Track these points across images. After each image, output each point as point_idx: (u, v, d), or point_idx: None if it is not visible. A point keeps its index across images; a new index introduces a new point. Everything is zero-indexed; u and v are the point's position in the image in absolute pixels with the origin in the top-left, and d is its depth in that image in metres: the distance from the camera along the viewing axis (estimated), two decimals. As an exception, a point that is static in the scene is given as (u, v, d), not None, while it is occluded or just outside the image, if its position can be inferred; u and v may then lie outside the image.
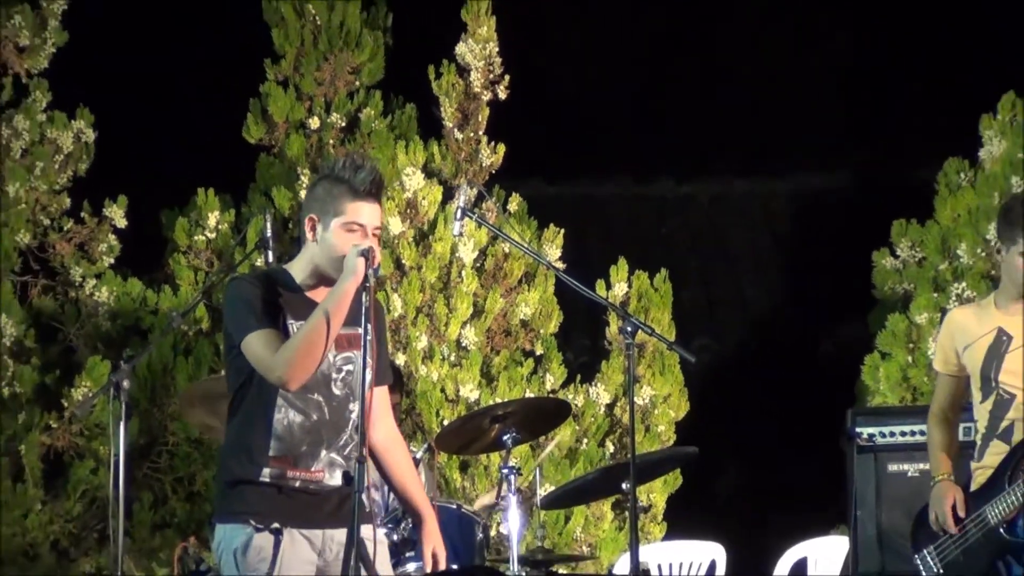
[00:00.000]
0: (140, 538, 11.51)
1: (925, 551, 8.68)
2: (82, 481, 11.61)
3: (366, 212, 7.46)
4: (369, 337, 7.43)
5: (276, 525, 7.55)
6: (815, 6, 13.63)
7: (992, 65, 12.53)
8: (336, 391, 7.65)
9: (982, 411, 8.51)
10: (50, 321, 12.04)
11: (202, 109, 12.47)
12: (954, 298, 11.96)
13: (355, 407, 7.64)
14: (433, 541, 7.88)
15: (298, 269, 7.61)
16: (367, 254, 7.32)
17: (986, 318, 8.56)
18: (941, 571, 8.61)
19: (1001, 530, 8.40)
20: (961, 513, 8.48)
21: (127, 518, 9.42)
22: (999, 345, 8.48)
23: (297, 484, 7.61)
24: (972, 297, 11.97)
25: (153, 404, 11.73)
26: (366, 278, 7.31)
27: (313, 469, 7.59)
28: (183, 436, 11.72)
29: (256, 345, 7.38)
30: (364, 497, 7.51)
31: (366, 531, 7.71)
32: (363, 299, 7.33)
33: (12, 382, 11.55)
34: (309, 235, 7.46)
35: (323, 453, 7.64)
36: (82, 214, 12.07)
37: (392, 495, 8.48)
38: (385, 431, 7.91)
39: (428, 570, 7.98)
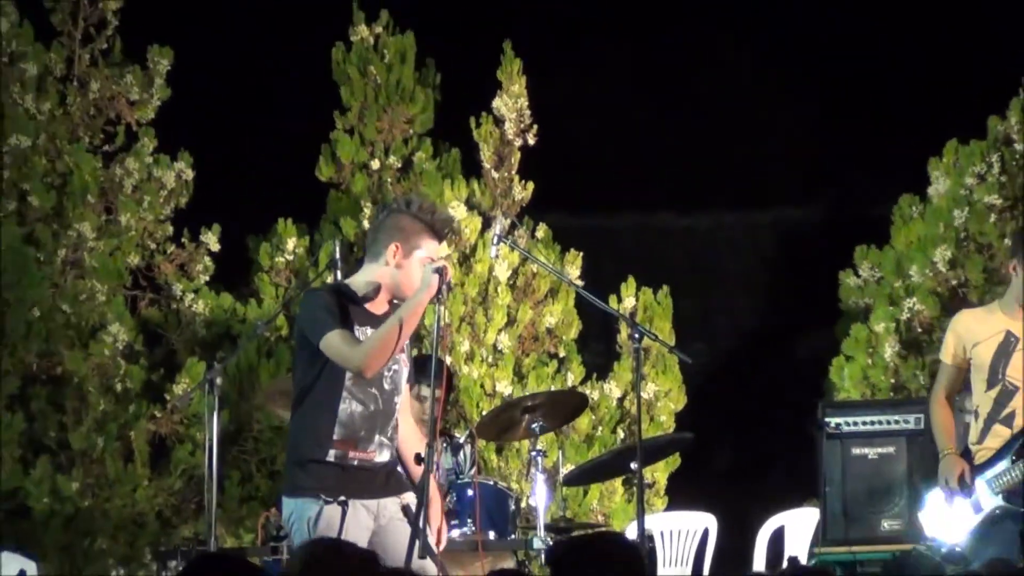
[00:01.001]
0: (230, 509, 11.51)
1: (930, 509, 8.69)
2: (182, 461, 11.59)
3: (440, 250, 7.63)
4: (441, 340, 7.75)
5: (342, 498, 7.58)
6: (792, 70, 13.53)
7: (938, 114, 12.42)
8: (386, 386, 7.71)
9: (986, 399, 8.51)
10: (155, 328, 11.99)
11: (282, 152, 12.45)
12: (906, 311, 11.93)
13: (399, 399, 7.76)
14: (434, 514, 8.01)
15: (360, 284, 7.65)
16: (441, 271, 7.40)
17: (994, 321, 8.56)
18: (943, 525, 8.58)
19: (1001, 498, 8.39)
20: (968, 481, 8.44)
21: (219, 492, 9.32)
22: (1008, 344, 8.49)
23: (356, 463, 7.64)
24: (922, 310, 11.95)
25: (241, 397, 11.68)
26: (439, 291, 7.39)
27: (369, 450, 7.63)
28: (266, 424, 11.67)
29: (336, 341, 7.43)
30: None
31: (410, 497, 7.75)
32: (436, 309, 7.50)
33: (124, 379, 11.52)
34: (392, 259, 7.54)
35: (376, 437, 7.67)
36: (182, 239, 12.02)
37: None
38: (404, 418, 8.05)
39: (435, 542, 8.04)
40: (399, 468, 8.53)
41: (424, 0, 12.53)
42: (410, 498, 7.92)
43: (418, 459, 7.56)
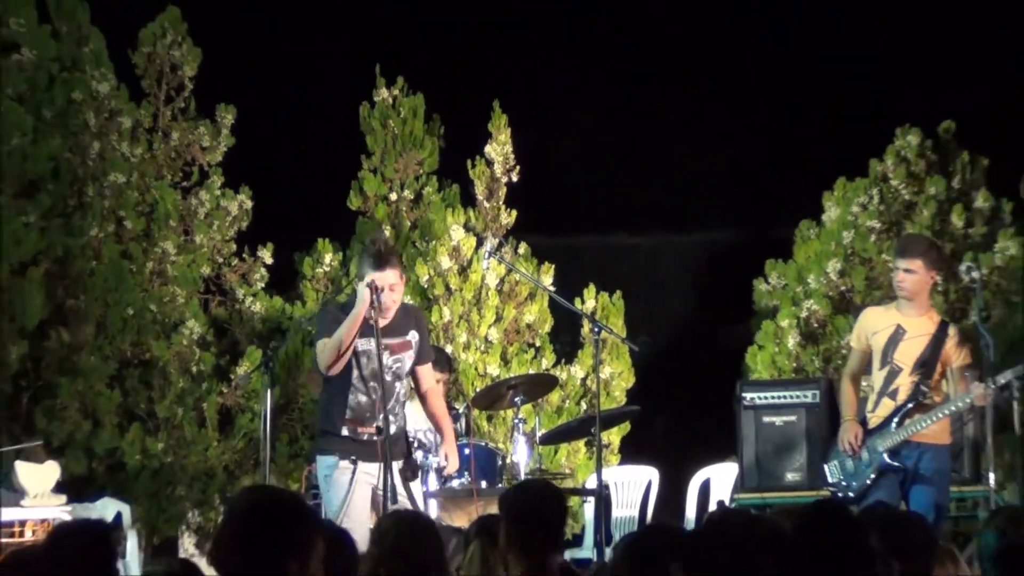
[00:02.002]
0: (280, 464, 11.51)
1: (832, 462, 8.70)
2: (243, 427, 11.59)
3: (385, 276, 7.79)
4: (394, 341, 8.01)
5: (353, 458, 7.84)
6: (716, 120, 13.59)
7: (830, 157, 12.49)
8: (388, 378, 7.92)
9: (879, 377, 8.55)
10: (223, 324, 11.99)
11: (321, 187, 12.47)
12: (805, 310, 11.96)
13: (400, 386, 8.06)
14: (447, 448, 8.32)
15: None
16: (370, 287, 7.71)
17: (889, 316, 8.59)
18: (840, 477, 8.62)
19: (885, 455, 8.41)
20: (860, 442, 8.50)
21: (272, 451, 9.34)
22: (897, 335, 8.51)
23: (364, 437, 7.87)
24: (817, 310, 11.96)
25: (289, 377, 11.66)
26: (372, 302, 7.68)
27: (372, 427, 7.78)
28: (308, 398, 11.62)
29: (319, 348, 7.90)
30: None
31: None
32: (372, 315, 7.72)
33: (198, 363, 11.52)
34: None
35: (379, 416, 7.77)
36: (243, 255, 12.02)
37: (440, 440, 8.54)
38: (428, 387, 8.31)
39: (444, 463, 8.38)
40: (423, 439, 8.77)
41: (432, 69, 12.52)
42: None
43: (379, 431, 7.82)
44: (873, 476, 8.44)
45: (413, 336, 8.17)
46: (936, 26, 12.96)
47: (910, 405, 8.43)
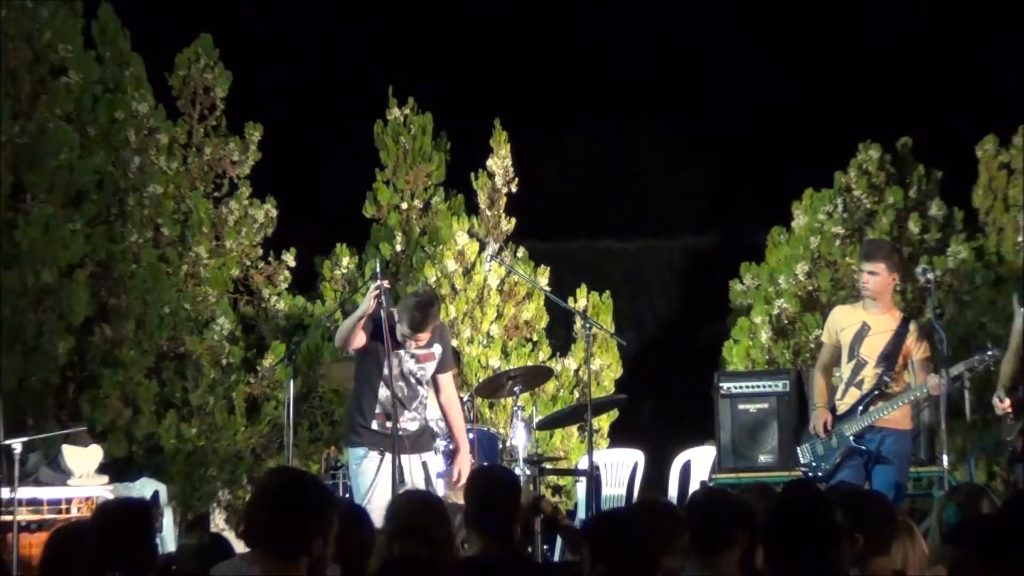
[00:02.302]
0: (302, 447, 11.49)
1: (804, 445, 8.74)
2: (268, 414, 11.59)
3: (411, 336, 8.04)
4: (420, 352, 8.18)
5: (381, 449, 7.90)
6: (695, 137, 13.65)
7: (798, 170, 12.51)
8: (412, 382, 8.13)
9: (847, 368, 8.57)
10: (250, 321, 12.00)
11: (339, 197, 12.50)
12: (776, 308, 11.99)
13: (423, 389, 8.25)
14: (460, 463, 8.35)
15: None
16: (379, 288, 7.85)
17: (856, 314, 8.62)
18: (811, 458, 8.65)
19: (851, 439, 8.44)
20: (829, 427, 8.53)
21: (294, 435, 9.31)
22: (863, 331, 8.54)
23: (390, 431, 7.84)
24: (787, 308, 11.97)
25: (310, 369, 11.64)
26: (379, 302, 7.85)
27: (400, 422, 7.84)
28: (327, 388, 11.63)
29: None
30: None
31: (428, 456, 7.99)
32: (382, 316, 7.88)
33: (228, 356, 11.52)
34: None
35: (405, 413, 7.86)
36: (269, 258, 12.02)
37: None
38: (447, 397, 8.39)
39: (454, 480, 8.35)
40: (434, 428, 8.84)
41: (439, 90, 12.57)
42: (428, 455, 8.21)
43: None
44: (840, 458, 8.48)
45: (436, 349, 8.30)
46: (895, 50, 13.00)
47: (875, 393, 8.46)
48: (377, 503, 7.68)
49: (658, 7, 13.71)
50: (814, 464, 8.61)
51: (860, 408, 8.47)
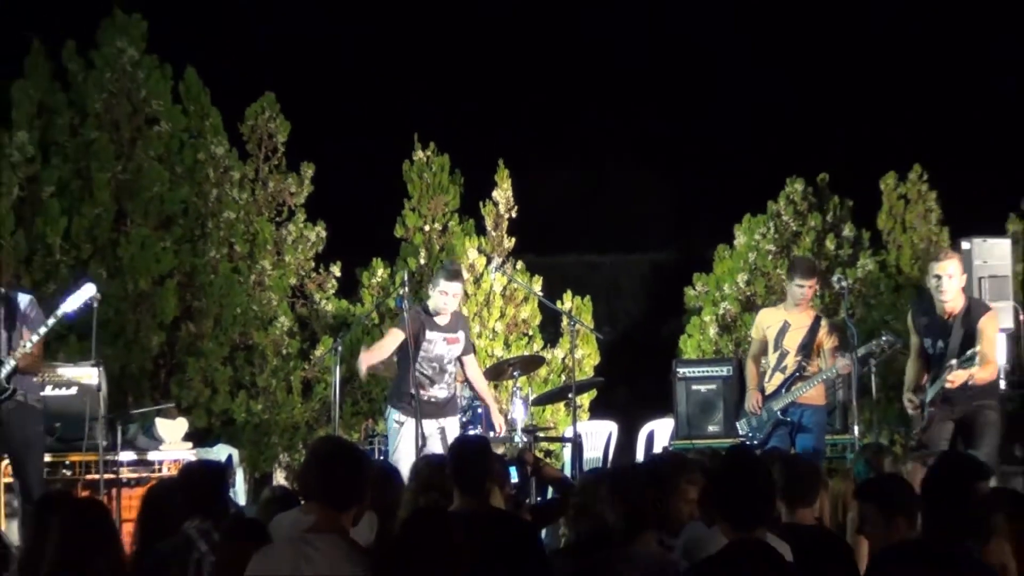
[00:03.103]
0: (345, 420, 11.41)
1: (742, 420, 8.73)
2: (319, 393, 11.58)
3: (450, 286, 8.15)
4: (449, 336, 8.29)
5: (412, 415, 7.83)
6: (658, 166, 13.64)
7: (739, 199, 12.49)
8: (445, 362, 8.28)
9: (773, 357, 8.57)
10: (304, 319, 11.97)
11: (375, 220, 12.44)
12: (721, 309, 11.99)
13: (451, 367, 8.33)
14: (496, 418, 8.59)
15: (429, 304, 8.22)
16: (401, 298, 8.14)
17: (779, 314, 8.64)
18: (748, 430, 8.64)
19: (779, 413, 8.44)
20: (760, 404, 8.53)
21: (340, 410, 9.22)
22: (784, 327, 8.54)
23: (425, 398, 7.87)
24: (730, 309, 11.98)
25: (352, 358, 11.37)
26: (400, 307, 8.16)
27: (432, 391, 7.88)
28: (367, 373, 11.54)
29: (392, 332, 8.30)
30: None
31: (450, 421, 7.95)
32: (406, 318, 8.06)
33: (287, 347, 11.51)
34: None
35: (435, 385, 7.91)
36: (319, 269, 12.00)
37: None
38: (473, 373, 8.52)
39: (498, 429, 8.56)
40: (461, 397, 8.87)
41: (455, 137, 12.46)
42: (450, 420, 8.20)
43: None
44: (770, 428, 8.48)
45: (461, 334, 8.39)
46: (814, 106, 13.04)
47: (795, 376, 8.46)
48: (404, 459, 7.75)
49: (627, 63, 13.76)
50: (750, 434, 8.59)
51: (784, 388, 8.47)
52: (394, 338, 8.24)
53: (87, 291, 7.60)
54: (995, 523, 4.63)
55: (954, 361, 7.50)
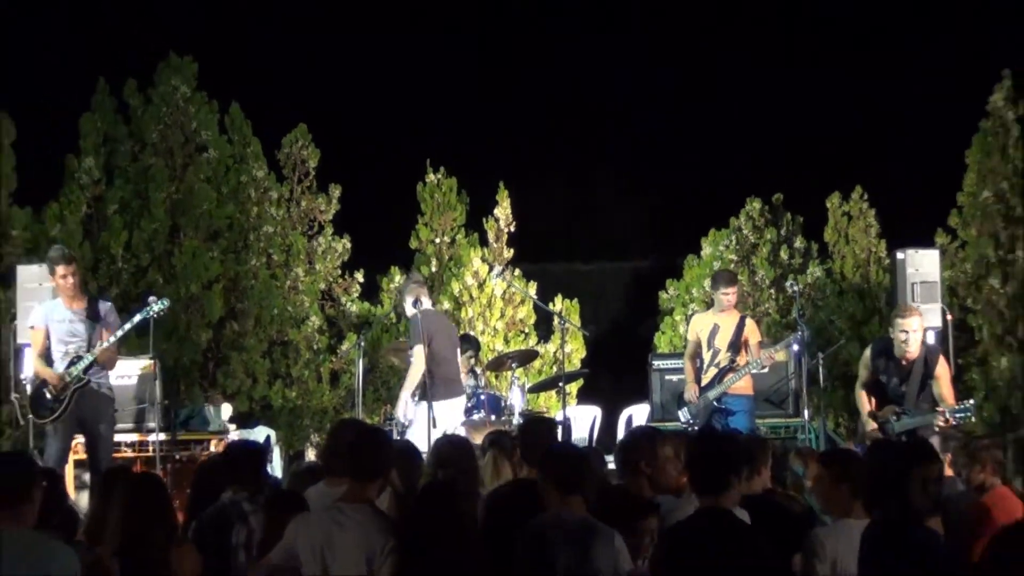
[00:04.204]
0: (367, 405, 11.37)
1: (684, 408, 8.70)
2: (345, 383, 11.57)
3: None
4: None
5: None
6: (637, 185, 13.60)
7: (704, 216, 12.45)
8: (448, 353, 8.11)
9: (707, 355, 8.55)
10: (332, 319, 11.96)
11: (393, 235, 12.40)
12: (690, 310, 11.92)
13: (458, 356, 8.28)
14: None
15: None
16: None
17: (709, 318, 8.65)
18: (689, 417, 8.59)
19: (714, 402, 8.43)
20: (697, 395, 8.52)
21: (363, 397, 9.28)
22: (715, 330, 8.55)
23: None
24: (698, 310, 11.87)
25: (373, 351, 11.54)
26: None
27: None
28: (385, 365, 11.55)
29: (416, 351, 8.01)
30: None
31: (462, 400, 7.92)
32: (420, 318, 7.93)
33: (317, 343, 11.52)
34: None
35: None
36: (345, 276, 11.98)
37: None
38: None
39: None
40: (467, 386, 8.83)
41: (462, 162, 12.44)
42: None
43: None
44: (707, 415, 8.48)
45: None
46: (771, 132, 13.04)
47: (727, 370, 8.47)
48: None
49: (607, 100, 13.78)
50: (691, 420, 8.57)
51: (717, 380, 8.47)
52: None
53: (158, 305, 7.79)
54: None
55: (947, 412, 7.39)
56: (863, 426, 7.88)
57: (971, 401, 7.60)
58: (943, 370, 7.64)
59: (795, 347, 8.67)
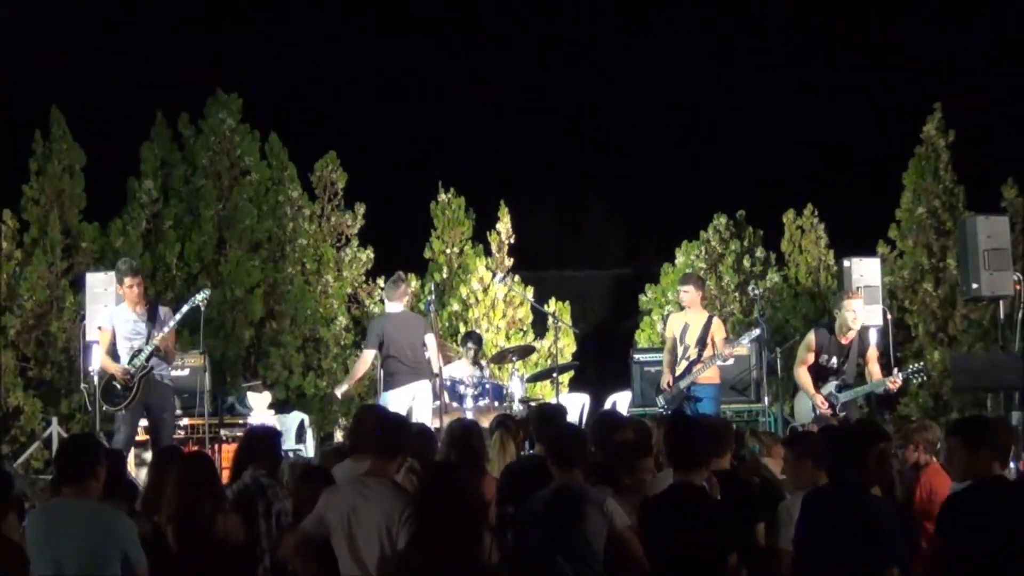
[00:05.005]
0: None
1: (660, 396, 8.66)
2: (368, 374, 11.27)
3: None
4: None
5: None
6: (614, 202, 13.58)
7: (680, 229, 12.40)
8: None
9: (680, 349, 8.50)
10: (357, 319, 11.84)
11: (409, 247, 12.33)
12: (665, 311, 11.83)
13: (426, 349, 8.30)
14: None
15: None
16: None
17: (681, 318, 8.63)
18: (664, 403, 8.56)
19: (684, 390, 8.38)
20: (671, 384, 8.49)
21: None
22: (685, 328, 8.52)
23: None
24: (672, 311, 11.79)
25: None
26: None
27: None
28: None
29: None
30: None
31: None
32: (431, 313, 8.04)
33: (344, 339, 11.44)
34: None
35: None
36: (369, 282, 11.89)
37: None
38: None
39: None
40: (472, 376, 8.74)
41: (468, 183, 12.39)
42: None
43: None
44: (679, 402, 8.45)
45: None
46: (734, 154, 13.05)
47: (696, 362, 8.44)
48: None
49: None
50: (666, 407, 8.54)
51: (687, 372, 8.44)
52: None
53: (201, 295, 7.92)
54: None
55: (899, 373, 7.68)
56: (807, 401, 7.95)
57: (922, 363, 7.69)
58: (872, 352, 7.92)
59: (748, 340, 8.67)
